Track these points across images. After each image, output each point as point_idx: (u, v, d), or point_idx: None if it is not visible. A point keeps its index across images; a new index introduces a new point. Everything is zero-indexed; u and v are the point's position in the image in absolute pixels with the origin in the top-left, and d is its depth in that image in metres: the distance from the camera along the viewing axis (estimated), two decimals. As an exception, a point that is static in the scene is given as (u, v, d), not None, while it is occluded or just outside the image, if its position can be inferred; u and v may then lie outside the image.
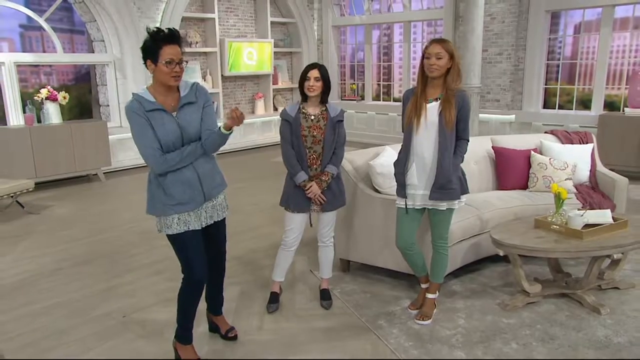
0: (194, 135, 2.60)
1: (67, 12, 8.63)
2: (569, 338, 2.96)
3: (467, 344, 2.92)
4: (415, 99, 3.00)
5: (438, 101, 2.96)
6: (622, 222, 3.36)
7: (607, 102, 7.57)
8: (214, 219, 2.76)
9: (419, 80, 3.00)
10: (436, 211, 3.07)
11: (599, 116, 6.99)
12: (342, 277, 3.86)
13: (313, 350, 2.92)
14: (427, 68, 2.92)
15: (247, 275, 3.99)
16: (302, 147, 3.18)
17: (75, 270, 4.17)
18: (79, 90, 9.20)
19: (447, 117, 2.90)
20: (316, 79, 3.14)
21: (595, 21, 7.62)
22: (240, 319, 3.30)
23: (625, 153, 6.64)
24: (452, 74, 2.93)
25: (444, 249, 3.16)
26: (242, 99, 9.84)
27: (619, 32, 7.50)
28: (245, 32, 9.69)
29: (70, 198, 6.46)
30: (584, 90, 7.85)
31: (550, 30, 7.97)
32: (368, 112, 10.17)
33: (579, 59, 7.84)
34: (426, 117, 2.96)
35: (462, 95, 2.95)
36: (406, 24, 9.61)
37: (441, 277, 3.23)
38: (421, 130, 2.98)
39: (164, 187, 2.59)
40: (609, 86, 7.59)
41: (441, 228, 3.13)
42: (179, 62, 2.50)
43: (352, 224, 3.79)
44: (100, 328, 3.22)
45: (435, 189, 2.98)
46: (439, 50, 2.88)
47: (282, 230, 3.42)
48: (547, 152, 4.45)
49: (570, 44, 8.09)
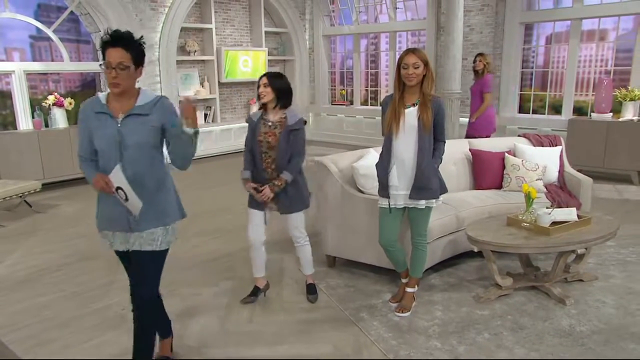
0: (132, 146, 2.23)
1: (74, 24, 8.56)
2: (536, 327, 2.98)
3: (443, 334, 2.93)
4: (393, 105, 3.00)
5: (415, 106, 2.96)
6: (586, 219, 3.39)
7: (576, 107, 7.62)
8: (139, 247, 2.35)
9: (396, 88, 2.99)
10: (416, 210, 3.07)
11: (569, 120, 7.03)
12: (328, 272, 3.86)
13: (299, 342, 2.92)
14: (405, 77, 2.91)
15: (239, 271, 3.97)
16: (257, 151, 3.15)
17: (79, 266, 4.14)
18: (85, 96, 9.06)
19: (425, 121, 2.91)
20: (265, 85, 3.09)
21: (564, 33, 7.66)
22: (232, 312, 3.29)
23: (592, 154, 6.68)
24: (427, 81, 2.94)
25: (422, 245, 3.16)
26: (237, 104, 9.81)
27: (586, 43, 7.55)
28: (241, 41, 9.66)
29: (76, 197, 6.42)
30: (555, 96, 7.89)
31: (524, 41, 8.01)
32: (357, 116, 10.18)
33: (550, 68, 7.89)
34: (405, 121, 2.96)
35: (437, 100, 2.97)
36: (392, 34, 9.61)
37: (420, 272, 3.23)
38: (400, 134, 2.98)
39: (99, 199, 2.39)
40: (578, 93, 7.63)
41: (420, 226, 3.13)
42: (120, 67, 2.17)
43: (338, 222, 3.79)
44: (101, 320, 3.21)
45: (415, 188, 2.99)
46: (416, 60, 2.89)
47: (274, 227, 3.40)
48: (520, 154, 4.47)
49: (543, 53, 8.13)
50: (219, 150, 9.21)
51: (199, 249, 4.48)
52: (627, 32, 7.37)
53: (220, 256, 4.29)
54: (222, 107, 9.46)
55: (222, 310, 3.32)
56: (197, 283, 3.75)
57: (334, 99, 10.92)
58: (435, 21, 8.65)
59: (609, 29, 7.48)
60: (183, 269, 4.01)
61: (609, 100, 6.73)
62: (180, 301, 3.45)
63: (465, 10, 7.82)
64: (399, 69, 2.94)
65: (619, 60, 7.35)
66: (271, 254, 4.24)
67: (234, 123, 9.44)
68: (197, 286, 3.70)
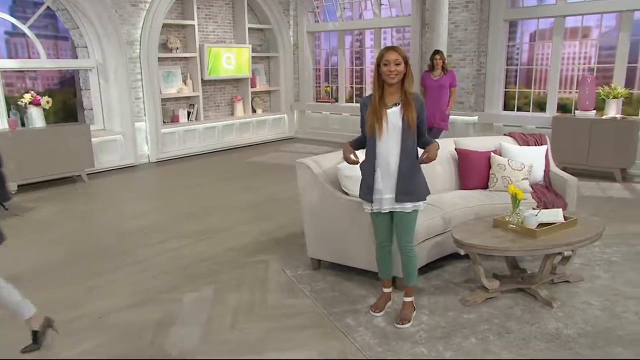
0: None
1: (51, 20, 8.33)
2: (523, 331, 2.94)
3: (430, 340, 2.87)
4: (374, 106, 2.90)
5: (398, 106, 2.88)
6: (572, 220, 3.36)
7: (560, 104, 7.64)
8: None
9: (376, 88, 2.90)
10: (402, 213, 2.98)
11: (553, 118, 7.04)
12: (312, 275, 3.78)
13: (283, 349, 2.84)
14: (386, 74, 2.82)
15: (222, 274, 3.88)
16: None
17: (54, 272, 4.00)
18: (64, 94, 8.91)
19: (410, 120, 2.83)
20: None
21: (548, 30, 7.67)
22: (214, 318, 3.19)
23: (576, 152, 6.70)
24: (408, 79, 2.86)
25: (409, 250, 3.06)
26: (221, 102, 9.66)
27: (570, 41, 7.57)
28: (224, 37, 9.50)
29: (54, 199, 6.24)
30: (540, 93, 7.91)
31: (508, 38, 8.00)
32: (342, 114, 10.10)
33: (534, 65, 7.89)
34: (387, 122, 2.87)
35: (419, 98, 2.91)
36: (376, 30, 9.54)
37: (414, 279, 3.11)
38: (384, 136, 2.89)
39: None
40: (561, 90, 7.65)
41: (407, 230, 3.02)
42: None
43: (322, 224, 3.71)
44: (76, 330, 3.09)
45: (401, 191, 2.91)
46: (397, 56, 2.80)
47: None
48: (505, 153, 4.44)
49: (527, 50, 8.14)
50: (203, 149, 9.06)
51: (180, 251, 4.37)
52: (609, 29, 7.40)
53: (203, 259, 4.19)
54: (205, 105, 9.30)
55: (204, 317, 3.22)
56: (178, 288, 3.64)
57: (318, 96, 10.82)
58: (420, 18, 8.60)
59: (592, 27, 7.51)
60: (163, 274, 3.90)
61: (593, 98, 6.75)
62: (160, 308, 3.35)
63: (450, 7, 7.79)
64: (378, 67, 2.86)
65: (602, 57, 7.38)
66: (255, 257, 4.17)
67: (217, 121, 9.30)
68: (178, 291, 3.59)
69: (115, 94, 7.82)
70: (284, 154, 8.90)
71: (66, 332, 3.04)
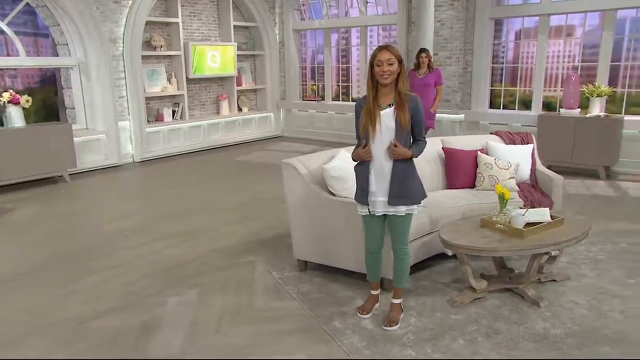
0: None
1: (31, 16, 8.13)
2: (511, 332, 2.92)
3: (418, 342, 2.84)
4: (368, 107, 2.83)
5: (392, 107, 2.81)
6: (559, 220, 3.35)
7: (545, 102, 7.67)
8: None
9: (370, 89, 2.83)
10: (396, 217, 2.92)
11: (538, 116, 7.07)
12: (299, 277, 3.72)
13: (269, 354, 2.78)
14: (379, 75, 2.76)
15: (207, 276, 3.80)
16: None
17: (33, 276, 3.88)
18: (45, 93, 8.71)
19: (403, 122, 2.77)
20: None
21: (533, 28, 7.70)
22: (199, 322, 3.12)
23: (561, 150, 6.74)
24: (402, 79, 2.79)
25: (403, 253, 3.00)
26: (206, 100, 9.54)
27: (554, 39, 7.60)
28: (209, 35, 9.38)
29: (35, 200, 6.09)
30: (525, 91, 7.93)
31: (494, 36, 8.01)
32: (328, 112, 10.04)
33: (520, 63, 7.92)
34: (381, 124, 2.80)
35: (414, 99, 2.83)
36: (363, 28, 9.50)
37: (405, 281, 3.07)
38: (377, 138, 2.82)
39: None
40: (547, 88, 7.68)
41: (401, 233, 2.97)
42: None
43: (308, 225, 3.66)
44: (54, 338, 2.99)
45: (394, 194, 2.85)
46: (390, 56, 2.74)
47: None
48: (492, 152, 4.42)
49: (512, 49, 8.16)
50: (188, 148, 8.94)
51: (164, 253, 4.28)
52: (593, 28, 7.45)
53: (187, 261, 4.10)
54: (190, 104, 9.18)
55: (188, 320, 3.15)
56: (162, 291, 3.56)
57: (305, 95, 10.75)
58: (406, 16, 8.57)
59: (576, 25, 7.54)
60: (146, 276, 3.81)
61: (577, 96, 6.79)
62: (143, 312, 3.27)
63: (436, 5, 7.78)
64: (371, 68, 2.80)
65: (585, 56, 7.42)
66: (241, 258, 4.10)
67: (203, 120, 9.18)
68: (161, 295, 3.51)
69: (97, 93, 7.67)
70: (270, 153, 8.82)
71: (43, 340, 2.95)
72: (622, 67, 7.01)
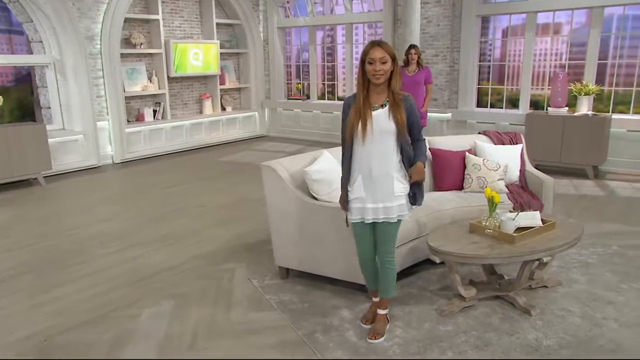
0: None
1: (4, 12, 7.83)
2: (502, 343, 2.78)
3: (404, 356, 2.68)
4: (357, 107, 2.62)
5: (384, 107, 2.62)
6: (550, 224, 3.22)
7: (532, 101, 7.57)
8: None
9: (360, 87, 2.63)
10: (386, 223, 2.73)
11: (526, 115, 6.97)
12: (280, 285, 3.55)
13: (247, 371, 2.61)
14: (371, 74, 2.56)
15: (184, 286, 3.61)
16: None
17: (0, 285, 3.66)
18: (20, 92, 8.41)
19: (400, 122, 2.58)
20: None
21: (520, 26, 7.59)
22: (172, 336, 2.93)
23: (549, 149, 6.64)
24: (395, 77, 2.60)
25: (390, 263, 2.83)
26: (189, 99, 9.30)
27: (542, 37, 7.51)
28: (191, 33, 9.14)
29: (6, 205, 5.83)
30: (512, 90, 7.83)
31: (481, 34, 7.90)
32: (314, 111, 9.87)
33: (507, 61, 7.82)
34: (372, 125, 2.61)
35: (409, 99, 2.64)
36: (348, 26, 9.33)
37: (391, 292, 2.90)
38: (368, 140, 2.62)
39: None
40: (534, 87, 7.59)
41: (389, 241, 2.79)
42: None
43: (289, 231, 3.48)
44: (17, 357, 2.78)
45: (386, 200, 2.68)
46: (383, 54, 2.53)
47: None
48: (480, 152, 4.29)
49: (499, 47, 8.05)
50: (170, 149, 8.70)
51: (141, 260, 4.08)
52: (580, 25, 7.37)
53: (164, 269, 3.91)
54: (172, 103, 8.94)
55: (161, 334, 2.96)
56: (135, 303, 3.36)
57: (290, 94, 10.56)
58: (392, 13, 8.43)
59: (563, 23, 7.46)
60: (120, 286, 3.61)
61: (565, 95, 6.70)
62: (114, 325, 3.07)
63: (422, 2, 7.64)
64: (362, 65, 2.60)
65: (573, 54, 7.34)
66: (221, 265, 3.91)
67: (185, 119, 8.94)
68: (134, 307, 3.31)
69: (74, 92, 7.39)
70: (255, 153, 8.62)
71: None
72: (609, 65, 6.93)
